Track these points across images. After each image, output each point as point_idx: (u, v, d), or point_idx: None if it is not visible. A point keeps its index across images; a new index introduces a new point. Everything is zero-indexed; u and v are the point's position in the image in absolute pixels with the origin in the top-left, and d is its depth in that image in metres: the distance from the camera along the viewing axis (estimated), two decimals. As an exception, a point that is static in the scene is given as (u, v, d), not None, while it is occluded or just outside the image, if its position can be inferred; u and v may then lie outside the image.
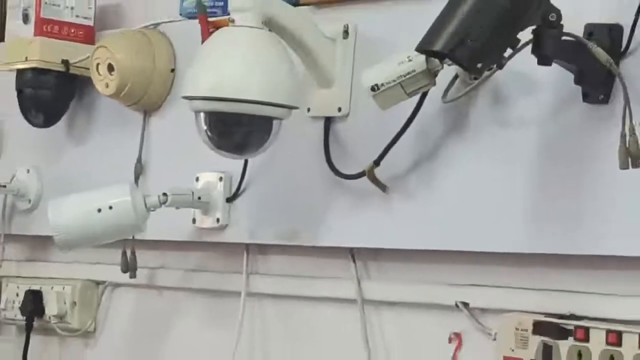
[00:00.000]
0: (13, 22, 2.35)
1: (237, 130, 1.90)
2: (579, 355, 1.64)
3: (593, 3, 1.66)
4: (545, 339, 1.70)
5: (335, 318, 2.01)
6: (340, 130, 1.96)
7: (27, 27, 2.29)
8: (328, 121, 1.97)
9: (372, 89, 1.72)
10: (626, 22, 1.63)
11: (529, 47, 1.62)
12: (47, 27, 2.29)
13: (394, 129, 1.84)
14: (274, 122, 1.88)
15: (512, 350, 1.73)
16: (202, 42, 2.00)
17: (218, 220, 2.10)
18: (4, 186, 2.43)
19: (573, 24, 1.61)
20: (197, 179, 2.13)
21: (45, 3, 2.29)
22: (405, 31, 1.71)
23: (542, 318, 1.71)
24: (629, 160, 1.53)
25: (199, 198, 2.11)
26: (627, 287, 1.64)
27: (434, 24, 1.61)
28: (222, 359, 2.15)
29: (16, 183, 2.44)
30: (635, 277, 1.61)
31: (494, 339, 1.76)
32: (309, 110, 1.96)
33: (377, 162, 1.84)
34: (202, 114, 1.89)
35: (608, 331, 1.62)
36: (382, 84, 1.71)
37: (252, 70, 1.84)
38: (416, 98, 1.79)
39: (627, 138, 1.54)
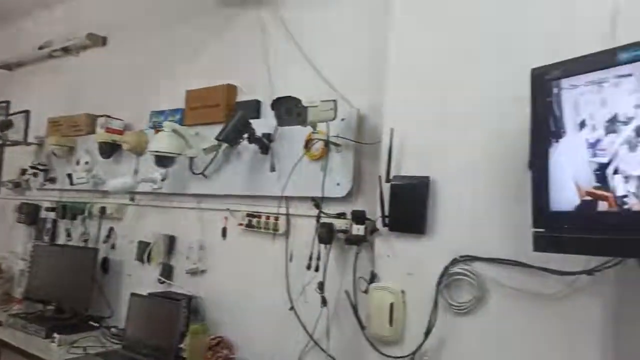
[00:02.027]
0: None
1: (162, 160, 2.25)
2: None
3: (269, 120, 1.94)
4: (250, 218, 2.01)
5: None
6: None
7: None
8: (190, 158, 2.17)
9: (204, 150, 2.14)
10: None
11: (247, 139, 1.99)
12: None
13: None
14: (174, 158, 2.24)
15: (240, 223, 2.12)
16: (155, 134, 2.36)
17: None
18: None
19: (260, 131, 1.98)
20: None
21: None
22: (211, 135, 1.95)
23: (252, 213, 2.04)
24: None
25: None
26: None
27: (221, 130, 1.97)
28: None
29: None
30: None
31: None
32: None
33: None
34: (153, 156, 2.26)
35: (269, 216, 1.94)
36: (205, 149, 2.14)
37: (168, 143, 2.22)
38: (226, 151, 2.08)
39: (273, 165, 1.86)
